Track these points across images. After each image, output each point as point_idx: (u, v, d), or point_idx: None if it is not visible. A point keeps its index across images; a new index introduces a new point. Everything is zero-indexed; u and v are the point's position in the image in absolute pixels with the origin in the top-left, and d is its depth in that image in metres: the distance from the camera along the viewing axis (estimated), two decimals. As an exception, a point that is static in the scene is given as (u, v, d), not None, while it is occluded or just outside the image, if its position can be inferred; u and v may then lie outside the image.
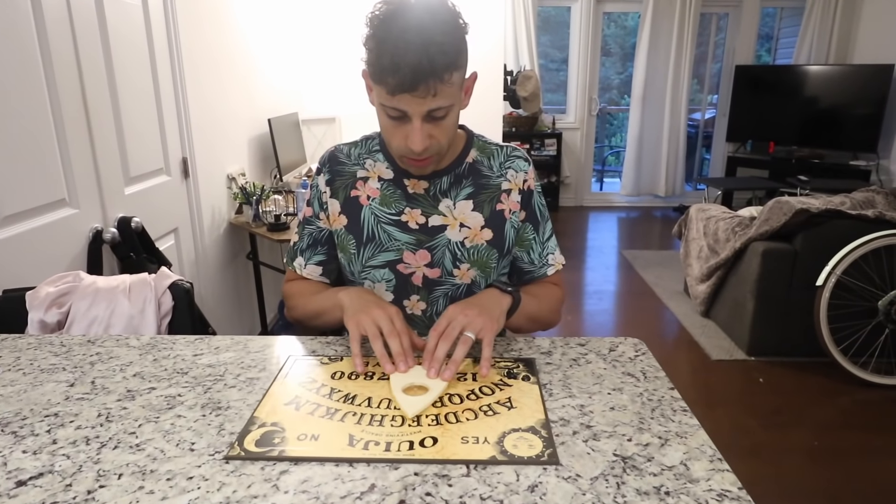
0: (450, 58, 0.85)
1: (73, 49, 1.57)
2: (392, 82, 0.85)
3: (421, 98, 0.86)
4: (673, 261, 4.36)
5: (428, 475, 0.65)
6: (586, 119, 6.12)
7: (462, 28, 0.88)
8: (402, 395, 0.79)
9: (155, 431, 0.72)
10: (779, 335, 2.85)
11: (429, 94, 0.86)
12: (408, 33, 0.83)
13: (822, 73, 5.39)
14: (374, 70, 0.87)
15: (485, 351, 0.85)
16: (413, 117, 0.89)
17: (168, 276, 1.23)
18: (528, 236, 1.12)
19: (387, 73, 0.85)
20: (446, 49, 0.84)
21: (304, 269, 1.13)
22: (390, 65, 0.84)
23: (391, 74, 0.84)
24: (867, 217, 2.67)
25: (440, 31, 0.84)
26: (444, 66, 0.85)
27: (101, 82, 1.69)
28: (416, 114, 0.89)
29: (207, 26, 2.43)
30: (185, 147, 2.20)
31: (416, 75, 0.83)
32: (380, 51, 0.85)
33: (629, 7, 5.93)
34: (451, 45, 0.85)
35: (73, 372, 0.87)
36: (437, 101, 0.88)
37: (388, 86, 0.86)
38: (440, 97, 0.87)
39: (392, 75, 0.84)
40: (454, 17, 0.88)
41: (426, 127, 0.91)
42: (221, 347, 0.96)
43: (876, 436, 2.29)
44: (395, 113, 0.90)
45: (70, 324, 1.14)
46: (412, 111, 0.89)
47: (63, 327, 1.14)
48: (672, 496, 0.63)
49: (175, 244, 2.14)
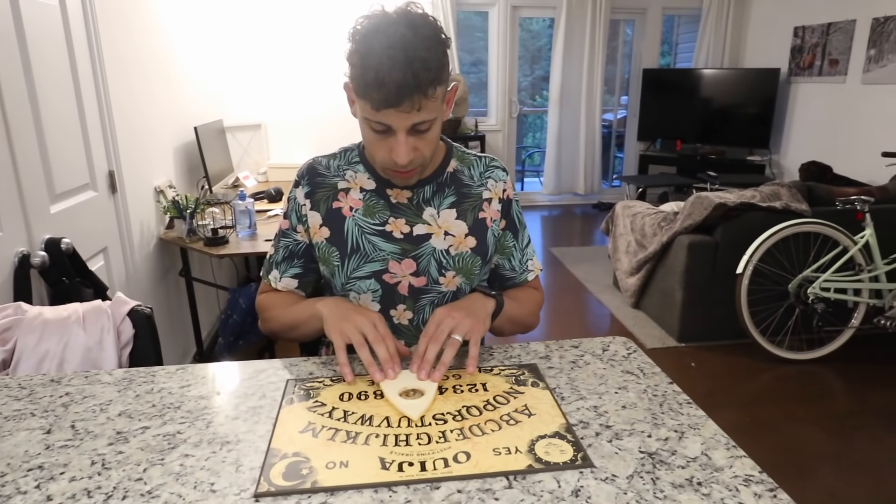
0: (433, 73, 0.86)
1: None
2: (377, 98, 0.85)
3: (405, 113, 0.87)
4: (599, 256, 4.55)
5: (471, 491, 0.64)
6: (507, 121, 6.26)
7: (444, 43, 0.89)
8: (400, 400, 0.79)
9: (164, 475, 0.66)
10: (705, 321, 3.05)
11: (413, 109, 0.87)
12: (392, 49, 0.83)
13: (719, 76, 5.83)
14: (359, 85, 0.87)
15: (471, 350, 0.87)
16: (397, 131, 0.90)
17: (125, 301, 1.14)
18: (508, 244, 1.14)
19: (371, 88, 0.84)
20: (430, 65, 0.85)
21: (280, 282, 1.10)
22: (375, 81, 0.83)
23: (376, 90, 0.84)
24: (776, 209, 2.91)
25: (423, 47, 0.85)
26: (428, 82, 0.85)
27: (20, 90, 1.54)
28: (400, 128, 0.89)
29: (128, 28, 2.28)
30: (111, 159, 2.04)
31: (400, 91, 0.84)
32: (364, 66, 0.85)
33: (544, 13, 6.12)
34: (434, 61, 0.86)
35: (45, 417, 0.78)
36: (421, 116, 0.88)
37: (372, 101, 0.86)
38: (424, 111, 0.88)
39: (377, 91, 0.84)
40: (436, 32, 0.88)
41: (410, 140, 0.91)
42: (209, 377, 0.89)
43: (797, 406, 2.50)
44: (379, 127, 0.90)
45: (17, 362, 1.02)
46: (396, 125, 0.89)
47: (8, 367, 1.02)
48: (704, 486, 0.65)
49: (105, 265, 1.98)
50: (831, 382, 2.72)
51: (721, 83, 5.80)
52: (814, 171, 4.46)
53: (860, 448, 2.21)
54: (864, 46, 4.53)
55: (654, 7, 6.15)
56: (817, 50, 5.04)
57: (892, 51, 4.27)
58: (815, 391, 2.64)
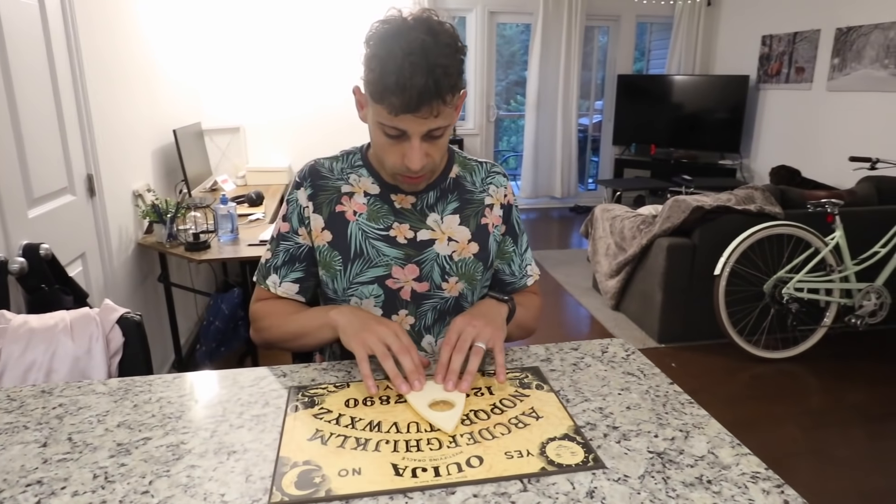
0: (453, 80, 0.86)
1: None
2: (397, 103, 0.84)
3: (423, 119, 0.87)
4: (578, 259, 4.59)
5: (487, 495, 0.64)
6: (485, 125, 6.29)
7: (461, 50, 0.89)
8: (431, 413, 0.77)
9: (172, 487, 0.65)
10: (685, 322, 3.10)
11: (431, 115, 0.87)
12: (413, 55, 0.83)
13: (691, 82, 5.96)
14: (376, 90, 0.86)
15: (498, 358, 0.87)
16: (412, 136, 0.89)
17: (114, 308, 1.11)
18: (508, 249, 1.14)
19: (391, 93, 0.84)
20: (450, 71, 0.85)
21: (279, 287, 1.07)
22: (396, 86, 0.83)
23: (397, 95, 0.84)
24: (751, 211, 2.98)
25: (444, 54, 0.85)
26: (447, 88, 0.85)
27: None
28: (415, 133, 0.89)
29: (108, 29, 2.23)
30: (89, 163, 1.99)
31: (421, 97, 0.84)
32: (384, 71, 0.84)
33: (520, 18, 6.18)
34: (454, 68, 0.86)
35: (40, 429, 0.76)
36: (437, 122, 0.88)
37: (391, 106, 0.85)
38: (441, 118, 0.88)
39: (397, 96, 0.84)
40: (455, 39, 0.88)
41: (424, 146, 0.91)
42: (208, 384, 0.88)
43: (774, 404, 2.56)
44: (393, 132, 0.90)
45: (1, 371, 0.99)
46: (412, 131, 0.89)
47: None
48: (714, 484, 0.66)
49: (83, 271, 1.93)
50: (806, 380, 2.79)
51: (693, 89, 5.93)
52: (783, 174, 4.58)
53: (834, 444, 2.28)
54: (828, 55, 4.67)
55: (628, 14, 6.25)
56: (784, 58, 5.18)
57: (854, 60, 4.42)
58: (790, 389, 2.70)
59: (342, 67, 4.25)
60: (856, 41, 4.39)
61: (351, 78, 4.42)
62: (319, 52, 4.17)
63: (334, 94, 4.25)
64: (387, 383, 0.86)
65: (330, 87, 4.26)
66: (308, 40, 4.16)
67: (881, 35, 4.18)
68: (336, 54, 4.22)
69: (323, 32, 4.17)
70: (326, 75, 4.25)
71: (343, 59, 4.23)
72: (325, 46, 4.15)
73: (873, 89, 4.27)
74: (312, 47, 4.17)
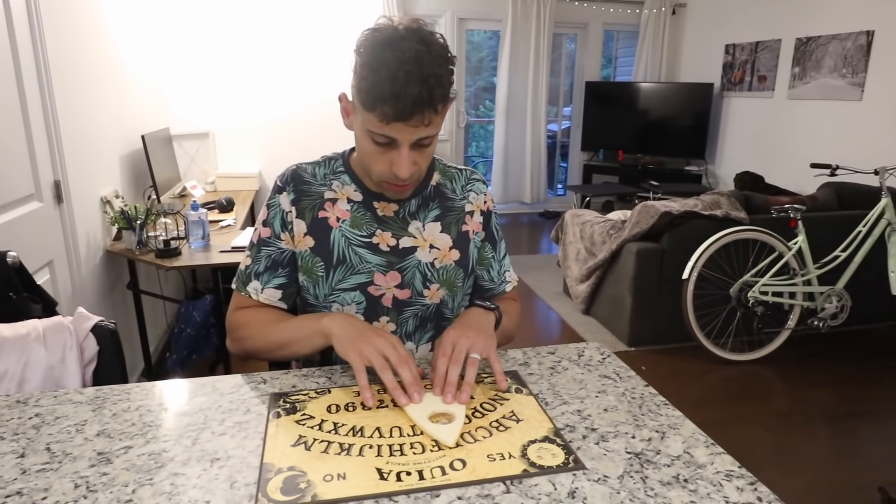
0: (445, 90, 0.87)
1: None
2: (389, 111, 0.85)
3: (414, 127, 0.87)
4: (547, 264, 4.65)
5: (471, 497, 0.65)
6: (455, 131, 6.32)
7: (452, 61, 0.90)
8: (431, 426, 0.77)
9: (156, 495, 0.64)
10: (654, 326, 3.17)
11: (422, 124, 0.87)
12: (408, 64, 0.83)
13: (657, 90, 6.10)
14: (368, 98, 0.86)
15: (495, 366, 0.88)
16: (402, 145, 0.90)
17: (88, 317, 1.09)
18: (487, 255, 1.16)
19: (385, 102, 0.84)
20: (443, 81, 0.86)
21: (262, 294, 1.05)
22: (390, 94, 0.83)
23: (390, 104, 0.84)
24: (717, 217, 3.06)
25: (437, 64, 0.86)
26: (440, 98, 0.87)
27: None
28: (405, 141, 0.90)
29: (75, 32, 2.18)
30: (56, 168, 1.95)
31: (415, 106, 0.84)
32: (376, 79, 0.84)
33: (489, 25, 6.23)
34: (446, 78, 0.87)
35: (16, 440, 0.74)
36: (427, 130, 0.89)
37: (383, 114, 0.86)
38: (431, 126, 0.89)
39: (391, 105, 0.84)
40: (446, 50, 0.89)
41: (412, 154, 0.92)
42: (188, 392, 0.87)
43: (741, 405, 2.64)
44: (383, 140, 0.90)
45: (-28, 383, 0.96)
46: (402, 139, 0.89)
47: (-37, 388, 0.96)
48: (690, 482, 0.69)
49: (51, 279, 1.88)
50: (771, 381, 2.87)
51: (659, 96, 6.06)
52: (748, 180, 4.72)
53: (798, 443, 2.35)
54: (788, 64, 4.84)
55: (595, 22, 6.37)
56: (747, 66, 5.34)
57: (813, 69, 4.59)
58: (756, 390, 2.79)
59: (311, 73, 4.23)
60: (815, 51, 4.56)
61: (320, 83, 4.40)
62: (288, 58, 4.15)
63: (304, 100, 4.23)
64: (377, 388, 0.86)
65: (299, 92, 4.24)
66: (277, 46, 4.13)
67: (839, 45, 4.34)
68: (305, 59, 4.20)
69: (291, 38, 4.15)
70: (296, 81, 4.23)
71: (312, 65, 4.21)
72: (293, 52, 4.13)
73: (832, 97, 4.43)
74: (281, 53, 4.15)
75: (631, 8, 6.31)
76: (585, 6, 6.20)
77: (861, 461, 2.24)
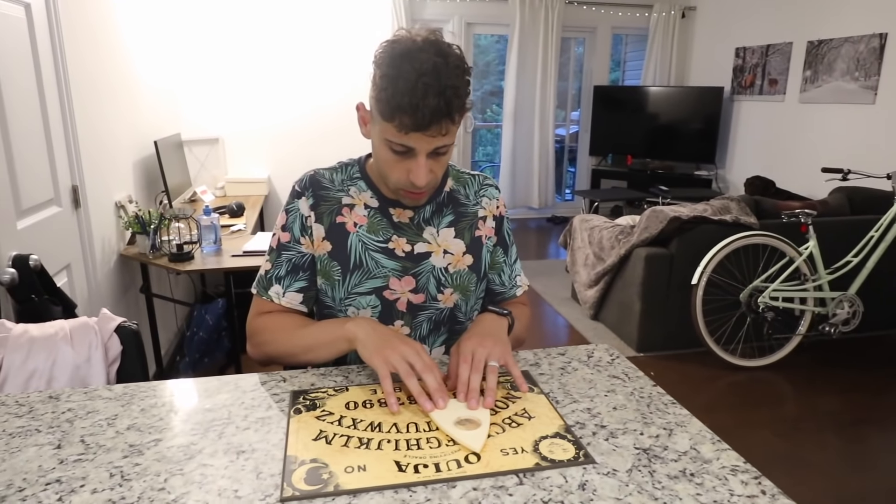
0: (462, 101, 0.90)
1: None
2: (408, 121, 0.88)
3: (431, 137, 0.90)
4: (556, 269, 4.66)
5: (486, 489, 0.68)
6: (462, 135, 6.35)
7: (468, 72, 0.93)
8: (458, 431, 0.78)
9: (187, 484, 0.68)
10: (662, 331, 3.17)
11: (439, 134, 0.90)
12: (426, 76, 0.86)
13: (666, 94, 6.10)
14: (387, 108, 0.89)
15: (514, 371, 0.90)
16: (419, 153, 0.93)
17: (112, 318, 1.13)
18: (498, 259, 1.19)
19: (403, 112, 0.87)
20: (460, 93, 0.89)
21: (283, 298, 1.07)
22: (409, 105, 0.86)
23: (409, 114, 0.87)
24: (727, 222, 3.07)
25: (454, 75, 0.88)
26: (457, 108, 0.89)
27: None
28: (422, 150, 0.92)
29: (92, 43, 2.24)
30: (74, 174, 2.00)
31: (432, 116, 0.87)
32: (395, 90, 0.87)
33: (497, 30, 6.27)
34: (463, 89, 0.90)
35: (52, 433, 0.78)
36: (444, 140, 0.92)
37: (401, 124, 0.88)
38: (448, 136, 0.92)
39: (410, 115, 0.87)
40: (463, 61, 0.92)
41: (428, 162, 0.94)
42: (211, 390, 0.90)
43: (750, 411, 2.64)
44: (400, 148, 0.93)
45: (3, 379, 1.00)
46: (420, 148, 0.92)
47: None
48: (697, 476, 0.71)
49: (69, 282, 1.93)
50: (781, 387, 2.87)
51: (668, 100, 6.06)
52: (758, 185, 4.71)
53: (809, 448, 2.35)
54: (800, 67, 4.82)
55: (604, 26, 6.38)
56: (758, 70, 5.33)
57: (825, 72, 4.58)
58: (766, 396, 2.78)
59: (319, 79, 4.28)
60: (827, 54, 4.55)
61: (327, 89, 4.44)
62: (296, 65, 4.20)
63: (311, 106, 4.28)
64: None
65: (307, 98, 4.29)
66: (285, 53, 4.18)
67: (851, 48, 4.33)
68: (312, 66, 4.25)
69: (299, 45, 4.20)
70: (304, 87, 4.28)
71: (319, 71, 4.26)
72: (301, 59, 4.18)
73: (844, 101, 4.42)
74: (289, 60, 4.20)
75: (640, 11, 6.31)
76: (594, 10, 6.22)
77: (871, 469, 2.24)
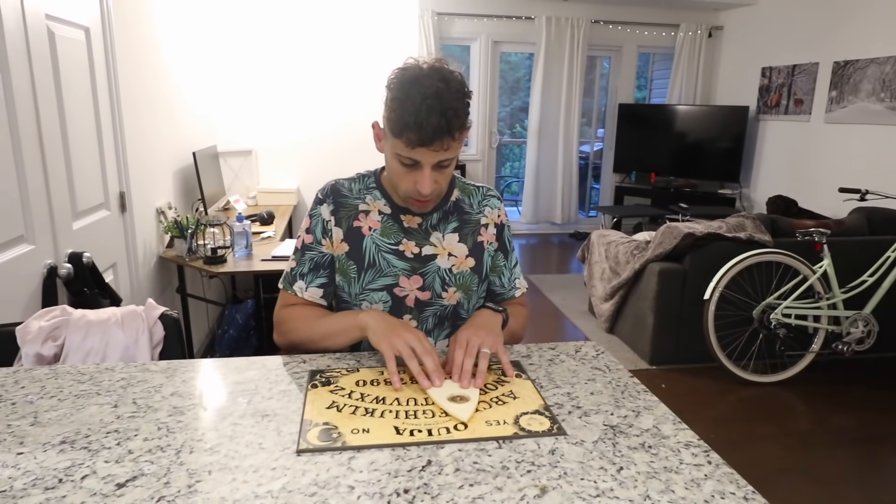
0: (461, 120, 1.05)
1: (30, 82, 1.57)
2: (414, 138, 1.02)
3: (434, 151, 1.05)
4: (574, 283, 4.74)
5: (470, 450, 0.80)
6: (487, 151, 6.49)
7: (468, 95, 1.08)
8: (450, 405, 0.91)
9: (221, 437, 0.81)
10: (675, 345, 3.23)
11: (442, 149, 1.05)
12: (430, 99, 1.01)
13: (692, 112, 6.15)
14: (397, 126, 1.04)
15: (503, 358, 1.03)
16: (425, 166, 1.07)
17: (156, 307, 1.28)
18: (499, 263, 1.32)
19: (410, 130, 1.02)
20: (459, 113, 1.04)
21: (306, 292, 1.22)
22: (415, 124, 1.01)
23: (414, 132, 1.02)
24: (741, 239, 3.13)
25: (455, 98, 1.03)
26: (457, 127, 1.04)
27: (53, 117, 1.70)
28: (427, 163, 1.07)
29: (139, 62, 2.44)
30: (122, 181, 2.19)
31: (435, 134, 1.02)
32: (403, 111, 1.02)
33: (524, 48, 6.41)
34: (462, 111, 1.05)
35: (110, 395, 0.93)
36: (446, 154, 1.07)
37: (409, 140, 1.03)
38: (449, 151, 1.07)
39: (415, 132, 1.02)
40: (463, 86, 1.07)
41: (433, 174, 1.09)
42: (242, 367, 1.04)
43: (759, 425, 2.68)
44: (408, 161, 1.08)
45: (66, 356, 1.16)
46: (425, 161, 1.06)
47: (59, 360, 1.16)
48: (654, 448, 0.82)
49: (114, 279, 2.11)
50: (792, 404, 2.89)
51: (693, 119, 6.11)
52: (780, 204, 4.72)
53: (817, 464, 2.37)
54: (826, 88, 4.84)
55: (629, 45, 6.47)
56: (783, 90, 5.36)
57: (851, 93, 4.59)
58: (776, 412, 2.81)
59: (346, 96, 4.47)
60: (853, 75, 4.57)
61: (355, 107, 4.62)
62: (326, 82, 4.40)
63: (339, 121, 4.47)
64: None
65: (336, 114, 4.48)
66: (315, 71, 4.38)
67: (877, 69, 4.35)
68: (341, 84, 4.44)
69: (328, 64, 4.40)
70: (333, 103, 4.47)
71: (347, 89, 4.45)
72: (331, 77, 4.38)
73: (869, 122, 4.43)
74: (319, 78, 4.40)
75: (666, 30, 6.39)
76: (619, 29, 6.32)
77: (878, 486, 2.25)
